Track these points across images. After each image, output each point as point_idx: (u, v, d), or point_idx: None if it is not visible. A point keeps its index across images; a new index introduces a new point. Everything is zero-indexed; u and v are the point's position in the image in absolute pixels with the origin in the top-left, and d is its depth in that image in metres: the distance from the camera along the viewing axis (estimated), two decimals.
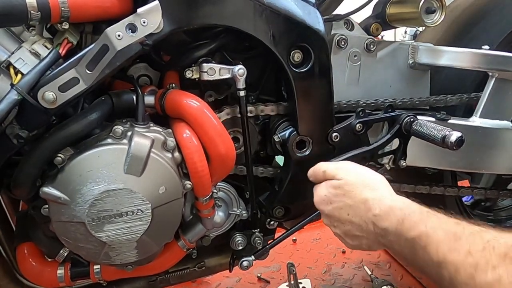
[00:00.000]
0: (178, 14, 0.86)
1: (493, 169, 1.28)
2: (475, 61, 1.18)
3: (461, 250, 0.62)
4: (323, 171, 0.88)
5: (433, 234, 0.66)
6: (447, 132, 0.94)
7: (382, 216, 0.75)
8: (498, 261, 0.58)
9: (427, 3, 1.14)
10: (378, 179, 0.83)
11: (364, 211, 0.78)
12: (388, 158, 1.10)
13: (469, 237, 0.63)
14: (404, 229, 0.70)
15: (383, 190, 0.80)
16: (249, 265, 1.08)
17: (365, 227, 0.78)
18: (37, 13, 0.74)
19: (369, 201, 0.78)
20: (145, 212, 0.85)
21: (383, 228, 0.75)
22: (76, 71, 0.79)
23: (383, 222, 0.74)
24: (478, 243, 0.61)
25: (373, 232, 0.77)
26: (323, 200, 0.86)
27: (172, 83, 0.94)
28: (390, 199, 0.77)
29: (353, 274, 1.69)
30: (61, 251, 0.96)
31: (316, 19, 0.98)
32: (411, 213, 0.72)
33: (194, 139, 0.88)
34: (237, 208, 1.08)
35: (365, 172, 0.85)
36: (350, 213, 0.80)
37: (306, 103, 1.01)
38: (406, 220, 0.71)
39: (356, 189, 0.81)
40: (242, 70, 0.93)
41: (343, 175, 0.84)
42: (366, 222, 0.78)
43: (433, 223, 0.68)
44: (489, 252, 0.59)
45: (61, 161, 0.82)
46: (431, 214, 0.71)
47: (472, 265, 0.59)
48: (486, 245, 0.61)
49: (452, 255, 0.62)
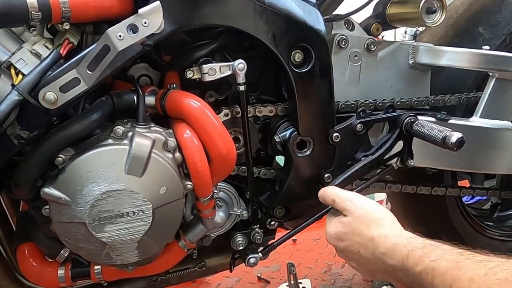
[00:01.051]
0: (179, 15, 0.86)
1: (494, 169, 1.28)
2: (476, 61, 1.18)
3: (465, 278, 0.64)
4: (332, 199, 0.91)
5: (437, 266, 0.68)
6: (447, 133, 0.94)
7: (388, 254, 0.78)
8: (499, 285, 0.59)
9: (428, 3, 1.14)
10: (384, 216, 0.85)
11: (372, 249, 0.81)
12: (395, 159, 1.10)
13: (472, 265, 0.65)
14: (409, 265, 0.72)
15: (388, 227, 0.83)
16: (256, 262, 1.08)
17: (375, 264, 0.81)
18: (38, 13, 0.74)
19: (375, 239, 0.81)
20: (146, 212, 0.85)
21: (391, 265, 0.77)
22: (77, 72, 0.79)
23: (390, 260, 0.77)
24: (481, 270, 0.63)
25: (384, 269, 0.79)
26: (334, 238, 0.89)
27: (172, 83, 0.94)
28: (394, 236, 0.79)
29: (353, 274, 1.69)
30: (62, 252, 0.96)
31: (316, 19, 0.98)
32: (414, 249, 0.74)
33: (194, 139, 0.88)
34: (238, 209, 1.08)
35: (372, 208, 0.87)
36: (360, 250, 0.84)
37: (307, 103, 1.01)
38: (410, 256, 0.73)
39: (362, 227, 0.84)
40: (242, 64, 0.93)
41: (352, 211, 0.87)
42: (376, 260, 0.80)
43: (436, 255, 0.70)
44: (490, 277, 0.61)
45: (62, 162, 0.82)
46: (434, 247, 0.73)
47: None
48: (489, 271, 0.62)
49: (457, 284, 0.64)
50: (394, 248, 0.77)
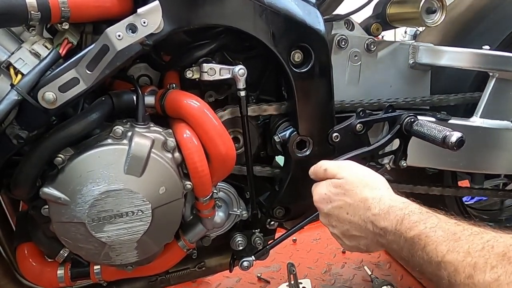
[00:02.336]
0: (178, 14, 0.86)
1: (494, 169, 1.28)
2: (476, 61, 1.18)
3: (460, 250, 0.61)
4: (324, 169, 0.89)
5: (432, 234, 0.66)
6: (447, 133, 0.94)
7: (382, 215, 0.75)
8: (497, 260, 0.57)
9: (428, 3, 1.14)
10: (379, 179, 0.83)
11: (363, 210, 0.78)
12: (389, 158, 1.10)
13: (468, 238, 0.63)
14: (403, 229, 0.70)
15: (383, 190, 0.81)
16: (249, 265, 1.08)
17: (364, 227, 0.78)
18: (37, 13, 0.74)
19: (369, 200, 0.78)
20: (145, 212, 0.85)
21: (382, 228, 0.74)
22: (76, 71, 0.79)
23: (382, 222, 0.74)
24: (477, 243, 0.61)
25: (372, 232, 0.77)
26: (323, 198, 0.86)
27: (172, 83, 0.94)
28: (390, 199, 0.77)
29: (353, 274, 1.69)
30: (61, 252, 0.96)
31: (316, 19, 0.98)
32: (410, 213, 0.72)
33: (194, 139, 0.88)
34: (237, 209, 1.08)
35: (366, 171, 0.86)
36: (349, 212, 0.81)
37: (307, 103, 1.01)
38: (406, 220, 0.71)
39: (356, 188, 0.81)
40: (243, 70, 0.93)
41: (344, 174, 0.84)
42: (365, 221, 0.78)
43: (432, 223, 0.68)
44: (488, 251, 0.59)
45: (61, 162, 0.82)
46: (431, 214, 0.71)
47: (471, 265, 0.59)
48: (485, 245, 0.60)
49: (451, 255, 0.62)
50: (389, 210, 0.74)
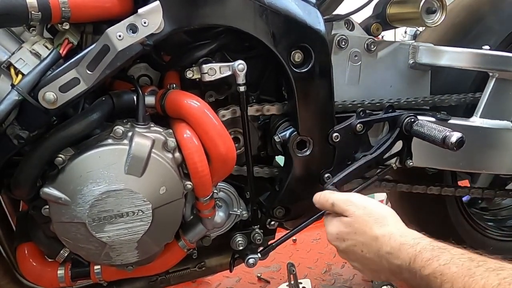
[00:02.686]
0: (178, 14, 0.86)
1: (494, 169, 1.28)
2: (476, 61, 1.18)
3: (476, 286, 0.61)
4: (331, 203, 0.89)
5: (447, 271, 0.66)
6: (447, 133, 0.94)
7: (394, 254, 0.76)
8: None
9: (428, 3, 1.14)
10: (387, 213, 0.84)
11: (376, 248, 0.79)
12: (394, 159, 1.10)
13: (484, 273, 0.62)
14: (417, 267, 0.70)
15: (391, 225, 0.81)
16: (255, 263, 1.08)
17: (380, 264, 0.79)
18: (37, 13, 0.74)
19: (380, 239, 0.79)
20: (146, 212, 0.85)
21: (397, 265, 0.75)
22: (77, 72, 0.79)
23: (396, 260, 0.75)
24: (493, 279, 0.61)
25: (388, 269, 0.78)
26: (336, 238, 0.87)
27: (172, 83, 0.94)
28: (400, 236, 0.77)
29: (353, 274, 1.69)
30: (62, 252, 0.96)
31: (316, 19, 0.98)
32: (422, 250, 0.72)
33: (194, 139, 0.88)
34: (238, 209, 1.08)
35: (373, 206, 0.85)
36: (364, 250, 0.82)
37: (307, 103, 1.01)
38: (418, 258, 0.71)
39: (365, 227, 0.82)
40: (242, 65, 0.93)
41: (352, 211, 0.85)
42: (380, 259, 0.79)
43: (446, 259, 0.68)
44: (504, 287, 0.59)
45: (62, 162, 0.82)
46: (443, 250, 0.71)
47: None
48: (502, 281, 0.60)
49: None
50: (401, 248, 0.75)
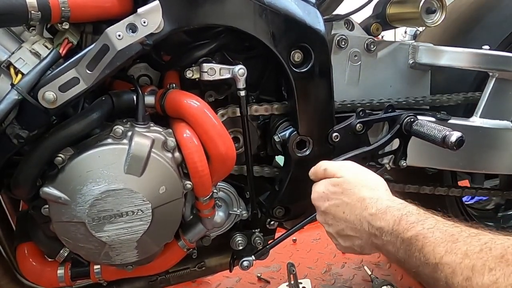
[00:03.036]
0: (178, 14, 0.86)
1: (494, 169, 1.28)
2: (475, 61, 1.18)
3: (458, 252, 0.61)
4: (324, 168, 0.89)
5: (430, 235, 0.65)
6: (447, 132, 0.94)
7: (379, 215, 0.74)
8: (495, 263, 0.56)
9: (428, 3, 1.14)
10: (378, 180, 0.83)
11: (360, 210, 0.78)
12: (389, 158, 1.10)
13: (466, 239, 0.62)
14: (401, 229, 0.69)
15: (381, 191, 0.80)
16: (249, 265, 1.08)
17: (360, 226, 0.77)
18: (37, 13, 0.74)
19: (366, 200, 0.78)
20: (146, 212, 0.85)
21: (378, 227, 0.74)
22: (77, 71, 0.79)
23: (379, 222, 0.74)
24: (475, 245, 0.60)
25: (367, 232, 0.76)
26: (321, 196, 0.86)
27: (172, 83, 0.94)
28: (388, 199, 0.77)
29: (353, 274, 1.69)
30: (61, 251, 0.96)
31: (316, 19, 0.98)
32: (408, 214, 0.71)
33: (194, 139, 0.88)
34: (237, 208, 1.08)
35: (365, 172, 0.86)
36: (346, 211, 0.80)
37: (306, 103, 1.01)
38: (403, 220, 0.70)
39: (354, 188, 0.81)
40: (243, 70, 0.93)
41: (343, 173, 0.84)
42: (361, 221, 0.77)
43: (430, 224, 0.67)
44: (486, 253, 0.58)
45: (61, 161, 0.82)
46: (429, 216, 0.70)
47: (469, 267, 0.58)
48: (483, 247, 0.59)
49: (449, 257, 0.61)
50: (386, 210, 0.74)
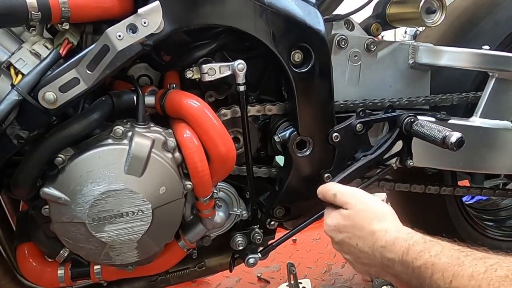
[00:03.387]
0: (178, 14, 0.86)
1: (494, 169, 1.28)
2: (475, 61, 1.18)
3: (465, 274, 0.64)
4: (333, 194, 0.91)
5: (437, 261, 0.69)
6: (447, 133, 0.94)
7: (388, 247, 0.78)
8: (499, 282, 0.60)
9: (428, 3, 1.14)
10: (386, 211, 0.86)
11: (371, 242, 0.82)
12: (394, 159, 1.10)
13: (472, 262, 0.66)
14: (409, 259, 0.73)
15: (389, 222, 0.83)
16: (255, 262, 1.08)
17: (373, 257, 0.81)
18: (37, 13, 0.74)
19: (376, 233, 0.81)
20: (146, 212, 0.85)
21: (389, 259, 0.77)
22: (77, 72, 0.79)
23: (389, 253, 0.78)
24: (481, 266, 0.64)
25: (381, 263, 0.80)
26: (333, 229, 0.89)
27: (172, 83, 0.94)
28: (395, 231, 0.80)
29: (353, 274, 1.69)
30: (62, 251, 0.96)
31: (316, 19, 0.98)
32: (415, 243, 0.75)
33: (194, 139, 0.88)
34: (238, 208, 1.08)
35: (374, 203, 0.88)
36: (359, 243, 0.84)
37: (307, 103, 1.01)
38: (411, 251, 0.74)
39: (364, 221, 0.84)
40: (242, 65, 0.93)
41: (353, 204, 0.87)
42: (374, 253, 0.81)
43: (436, 251, 0.71)
44: (491, 274, 0.62)
45: (62, 162, 0.82)
46: (434, 243, 0.74)
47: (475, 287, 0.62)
48: (488, 268, 0.63)
49: (457, 280, 0.65)
50: (395, 241, 0.77)
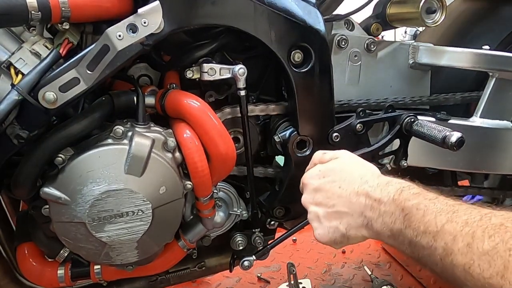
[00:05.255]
0: (178, 14, 0.86)
1: (494, 169, 1.28)
2: (475, 61, 1.18)
3: (459, 220, 0.62)
4: (323, 152, 0.88)
5: (432, 205, 0.66)
6: (447, 133, 0.94)
7: (380, 186, 0.74)
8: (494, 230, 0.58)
9: (428, 3, 1.14)
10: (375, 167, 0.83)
11: (359, 183, 0.76)
12: (389, 158, 1.10)
13: (466, 210, 0.63)
14: (402, 199, 0.69)
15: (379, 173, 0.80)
16: (250, 265, 1.08)
17: (355, 199, 0.75)
18: (37, 13, 0.74)
19: (367, 175, 0.77)
20: (146, 212, 0.85)
21: (376, 198, 0.72)
22: (77, 71, 0.79)
23: (379, 193, 0.73)
24: (476, 215, 0.62)
25: (363, 205, 0.74)
26: (316, 174, 0.83)
27: (172, 83, 0.94)
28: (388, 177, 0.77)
29: (353, 274, 1.69)
30: (62, 251, 0.96)
31: (316, 19, 0.98)
32: (410, 186, 0.72)
33: (194, 139, 0.88)
34: (238, 208, 1.08)
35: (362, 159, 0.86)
36: (342, 185, 0.78)
37: (307, 103, 1.01)
38: (405, 191, 0.70)
39: (354, 166, 0.81)
40: (243, 69, 0.93)
41: (345, 156, 0.85)
42: (358, 194, 0.75)
43: (432, 196, 0.68)
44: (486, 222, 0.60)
45: (62, 161, 0.82)
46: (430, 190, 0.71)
47: (469, 234, 0.60)
48: (483, 216, 0.61)
49: (450, 225, 0.62)
50: (389, 183, 0.73)
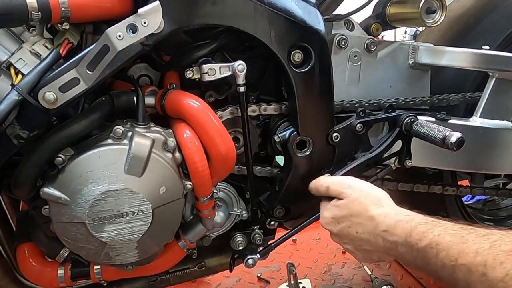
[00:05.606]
0: (178, 14, 0.86)
1: (494, 169, 1.28)
2: (475, 61, 1.18)
3: (469, 251, 0.64)
4: (326, 186, 0.91)
5: (442, 241, 0.69)
6: (447, 133, 0.94)
7: (390, 231, 0.78)
8: (505, 256, 0.60)
9: (428, 3, 1.14)
10: (381, 195, 0.86)
11: (372, 228, 0.81)
12: (393, 159, 1.10)
13: (475, 239, 0.66)
14: (413, 240, 0.73)
15: (387, 206, 0.83)
16: (254, 263, 1.08)
17: (375, 242, 0.81)
18: (37, 13, 0.74)
19: (375, 218, 0.81)
20: (146, 212, 0.85)
21: (392, 242, 0.77)
22: (77, 72, 0.79)
23: (392, 237, 0.77)
24: (485, 243, 0.64)
25: (383, 246, 0.80)
26: (330, 221, 0.89)
27: (172, 83, 0.94)
28: (395, 214, 0.80)
29: (353, 274, 1.69)
30: (62, 252, 0.96)
31: (316, 19, 0.98)
32: (417, 225, 0.75)
33: (194, 139, 0.88)
34: (238, 208, 1.08)
35: (368, 188, 0.88)
36: (358, 230, 0.84)
37: (307, 103, 1.01)
38: (414, 232, 0.74)
39: (361, 208, 0.84)
40: (242, 65, 0.93)
41: (347, 194, 0.87)
42: (376, 238, 0.81)
43: (439, 230, 0.71)
44: (496, 249, 0.62)
45: (62, 162, 0.82)
46: (436, 223, 0.74)
47: (481, 263, 0.62)
48: (493, 244, 0.63)
49: (462, 257, 0.65)
50: (396, 225, 0.77)
